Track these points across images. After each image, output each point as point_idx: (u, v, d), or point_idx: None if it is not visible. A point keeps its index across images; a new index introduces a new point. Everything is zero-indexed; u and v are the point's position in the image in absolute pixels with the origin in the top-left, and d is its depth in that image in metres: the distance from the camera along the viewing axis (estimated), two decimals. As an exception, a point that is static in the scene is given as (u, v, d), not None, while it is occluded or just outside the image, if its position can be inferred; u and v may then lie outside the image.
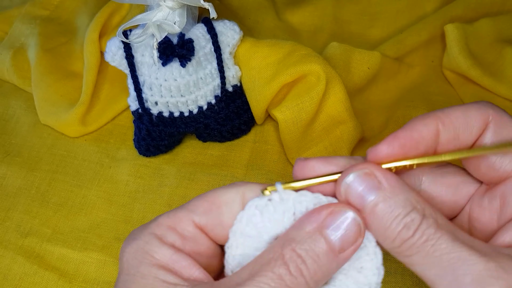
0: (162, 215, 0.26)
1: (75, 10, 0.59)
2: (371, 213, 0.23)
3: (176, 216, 0.25)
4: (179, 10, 0.41)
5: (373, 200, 0.23)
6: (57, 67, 0.53)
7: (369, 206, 0.23)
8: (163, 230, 0.25)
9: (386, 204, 0.23)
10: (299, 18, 0.59)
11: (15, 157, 0.50)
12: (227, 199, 0.25)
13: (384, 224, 0.23)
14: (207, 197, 0.26)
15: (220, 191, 0.26)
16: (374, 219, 0.23)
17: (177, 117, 0.45)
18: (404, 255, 0.23)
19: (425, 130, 0.25)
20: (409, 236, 0.23)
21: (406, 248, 0.23)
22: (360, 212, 0.24)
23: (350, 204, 0.24)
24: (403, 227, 0.23)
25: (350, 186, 0.24)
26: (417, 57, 0.54)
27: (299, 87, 0.45)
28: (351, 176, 0.24)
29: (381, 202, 0.23)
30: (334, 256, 0.23)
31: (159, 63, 0.42)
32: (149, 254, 0.24)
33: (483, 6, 0.54)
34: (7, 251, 0.43)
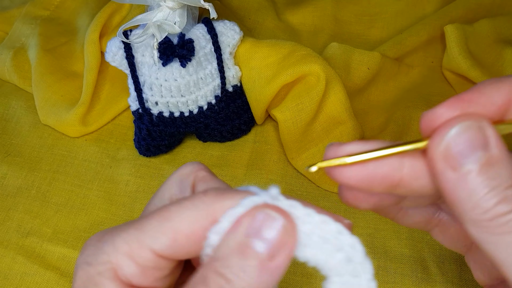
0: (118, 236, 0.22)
1: (75, 10, 0.59)
2: (469, 173, 0.20)
3: (135, 243, 0.21)
4: (180, 10, 0.41)
5: (479, 159, 0.20)
6: (58, 67, 0.53)
7: (471, 164, 0.20)
8: (120, 258, 0.21)
9: (489, 169, 0.20)
10: (299, 19, 0.59)
11: (16, 157, 0.50)
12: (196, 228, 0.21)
13: (481, 190, 0.20)
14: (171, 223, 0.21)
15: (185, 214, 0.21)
16: (470, 181, 0.20)
17: (177, 117, 0.46)
18: (492, 232, 0.20)
19: (496, 96, 0.21)
20: (507, 211, 0.20)
21: (499, 224, 0.20)
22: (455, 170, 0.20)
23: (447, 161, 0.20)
24: (502, 199, 0.20)
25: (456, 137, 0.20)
26: (417, 57, 0.54)
27: (299, 87, 0.45)
28: (460, 125, 0.20)
29: (485, 164, 0.20)
30: (263, 267, 0.20)
31: (160, 63, 0.42)
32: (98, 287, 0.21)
33: (483, 7, 0.54)
34: (8, 251, 0.43)
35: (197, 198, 0.22)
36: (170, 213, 0.21)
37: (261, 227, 0.20)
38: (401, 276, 0.40)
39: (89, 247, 0.23)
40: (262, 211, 0.20)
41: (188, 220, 0.21)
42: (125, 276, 0.21)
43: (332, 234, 0.21)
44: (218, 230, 0.21)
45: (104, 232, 0.23)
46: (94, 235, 0.23)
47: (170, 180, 0.25)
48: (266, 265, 0.20)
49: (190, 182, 0.24)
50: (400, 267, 0.40)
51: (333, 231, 0.21)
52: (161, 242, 0.21)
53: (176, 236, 0.21)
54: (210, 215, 0.21)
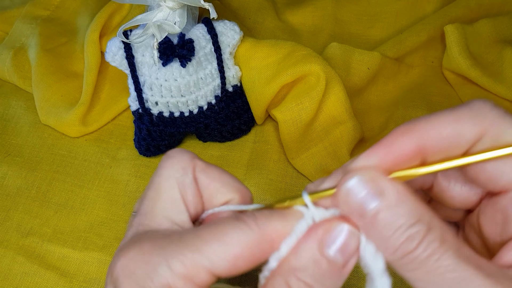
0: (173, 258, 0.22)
1: (75, 11, 0.59)
2: (372, 221, 0.22)
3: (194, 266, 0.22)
4: (180, 10, 0.41)
5: (374, 208, 0.21)
6: (58, 67, 0.53)
7: (370, 213, 0.22)
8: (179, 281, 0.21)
9: (389, 213, 0.21)
10: (299, 19, 0.59)
11: (16, 157, 0.50)
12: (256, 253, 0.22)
13: (386, 233, 0.21)
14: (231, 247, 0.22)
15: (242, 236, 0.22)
16: (375, 228, 0.22)
17: (178, 117, 0.46)
18: (406, 269, 0.22)
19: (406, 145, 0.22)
20: (412, 248, 0.21)
21: (408, 262, 0.21)
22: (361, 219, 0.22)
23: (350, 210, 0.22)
24: (406, 238, 0.21)
25: (350, 191, 0.22)
26: (417, 57, 0.54)
27: (299, 88, 0.45)
28: (353, 180, 0.22)
29: (383, 210, 0.21)
30: (338, 272, 0.22)
31: (160, 63, 0.42)
32: None
33: (483, 7, 0.54)
34: (8, 251, 0.43)
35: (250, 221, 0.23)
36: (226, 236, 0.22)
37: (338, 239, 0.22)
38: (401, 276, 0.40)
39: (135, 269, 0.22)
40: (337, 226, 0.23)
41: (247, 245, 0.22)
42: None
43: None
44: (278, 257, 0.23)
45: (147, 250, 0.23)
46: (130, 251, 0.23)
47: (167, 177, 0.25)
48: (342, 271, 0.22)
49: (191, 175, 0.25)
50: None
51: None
52: (221, 266, 0.22)
53: (236, 261, 0.22)
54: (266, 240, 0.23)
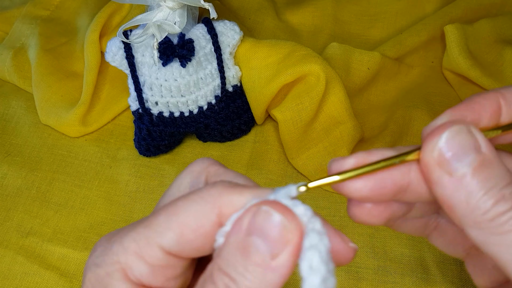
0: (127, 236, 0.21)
1: (75, 11, 0.59)
2: (465, 176, 0.20)
3: (143, 241, 0.21)
4: (180, 10, 0.41)
5: (473, 162, 0.20)
6: (58, 67, 0.53)
7: (465, 168, 0.20)
8: (130, 258, 0.21)
9: (485, 170, 0.20)
10: (299, 19, 0.59)
11: (16, 157, 0.50)
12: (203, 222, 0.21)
13: (478, 192, 0.20)
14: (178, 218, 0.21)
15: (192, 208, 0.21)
16: (467, 184, 0.20)
17: (178, 117, 0.46)
18: (493, 232, 0.20)
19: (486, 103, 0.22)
20: (506, 209, 0.19)
21: (499, 223, 0.20)
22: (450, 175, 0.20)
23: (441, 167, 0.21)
24: (500, 198, 0.20)
25: (446, 143, 0.20)
26: (417, 57, 0.54)
27: (299, 88, 0.45)
28: (450, 131, 0.21)
29: (479, 166, 0.20)
30: (266, 265, 0.19)
31: (160, 63, 0.42)
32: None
33: (483, 7, 0.54)
34: (8, 251, 0.43)
35: (204, 191, 0.21)
36: (177, 208, 0.21)
37: (261, 225, 0.19)
38: (401, 276, 0.40)
39: (98, 248, 0.22)
40: (261, 208, 0.20)
41: (195, 214, 0.21)
42: (135, 276, 0.21)
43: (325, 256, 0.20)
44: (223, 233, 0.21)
45: (114, 233, 0.22)
46: (104, 236, 0.23)
47: (181, 177, 0.24)
48: (269, 264, 0.19)
49: (203, 178, 0.24)
50: (400, 267, 0.40)
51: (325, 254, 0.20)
52: (168, 237, 0.21)
53: (182, 231, 0.21)
54: (216, 209, 0.21)
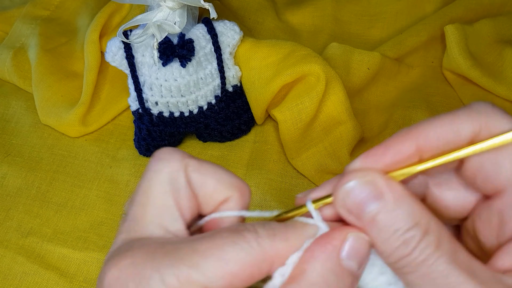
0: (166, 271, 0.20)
1: (75, 11, 0.59)
2: (370, 224, 0.22)
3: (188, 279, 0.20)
4: (180, 10, 0.41)
5: (372, 211, 0.22)
6: (58, 68, 0.53)
7: (368, 216, 0.22)
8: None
9: (387, 216, 0.21)
10: (299, 19, 0.59)
11: (16, 157, 0.50)
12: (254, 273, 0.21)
13: (382, 237, 0.22)
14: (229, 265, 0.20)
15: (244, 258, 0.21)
16: (373, 230, 0.22)
17: (178, 117, 0.46)
18: (402, 272, 0.22)
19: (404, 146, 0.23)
20: (407, 253, 0.21)
21: (403, 265, 0.21)
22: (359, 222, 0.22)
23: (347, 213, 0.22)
24: (402, 243, 0.21)
25: (349, 194, 0.22)
26: (417, 57, 0.54)
27: (299, 88, 0.45)
28: (351, 183, 0.22)
29: (381, 213, 0.21)
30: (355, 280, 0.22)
31: (160, 63, 0.42)
32: None
33: (483, 7, 0.54)
34: (8, 251, 0.43)
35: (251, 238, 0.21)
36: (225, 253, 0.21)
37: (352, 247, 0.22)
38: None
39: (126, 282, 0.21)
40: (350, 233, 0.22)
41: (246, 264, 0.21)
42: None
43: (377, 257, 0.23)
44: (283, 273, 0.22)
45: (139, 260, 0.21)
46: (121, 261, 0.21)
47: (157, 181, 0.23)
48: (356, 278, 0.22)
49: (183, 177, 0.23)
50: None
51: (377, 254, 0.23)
52: (217, 283, 0.20)
53: (232, 280, 0.21)
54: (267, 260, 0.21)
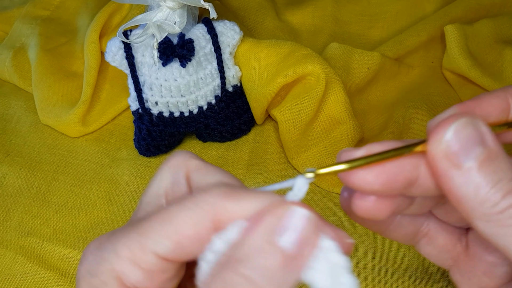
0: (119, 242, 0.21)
1: (75, 11, 0.59)
2: (472, 169, 0.20)
3: (137, 248, 0.21)
4: (179, 10, 0.41)
5: (480, 155, 0.20)
6: (58, 67, 0.53)
7: (473, 161, 0.20)
8: (125, 265, 0.21)
9: (492, 163, 0.20)
10: (299, 19, 0.59)
11: (16, 157, 0.50)
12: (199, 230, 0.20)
13: (487, 185, 0.20)
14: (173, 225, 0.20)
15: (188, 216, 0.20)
16: (475, 177, 0.20)
17: (177, 117, 0.46)
18: (502, 224, 0.20)
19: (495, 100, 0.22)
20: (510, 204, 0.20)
21: (509, 216, 0.20)
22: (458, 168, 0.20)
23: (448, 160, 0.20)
24: (508, 191, 0.20)
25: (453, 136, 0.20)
26: (417, 57, 0.54)
27: (299, 88, 0.45)
28: (457, 124, 0.20)
29: (486, 159, 0.20)
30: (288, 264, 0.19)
31: (160, 63, 0.42)
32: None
33: (483, 7, 0.54)
34: (8, 251, 0.43)
35: (200, 199, 0.21)
36: (172, 215, 0.21)
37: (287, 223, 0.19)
38: (401, 276, 0.40)
39: (89, 256, 0.22)
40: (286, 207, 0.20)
41: (192, 222, 0.20)
42: (130, 282, 0.21)
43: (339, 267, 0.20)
44: (224, 238, 0.20)
45: (103, 239, 0.22)
46: (92, 242, 0.22)
47: (161, 173, 0.23)
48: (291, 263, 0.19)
49: (183, 173, 0.23)
50: (400, 267, 0.40)
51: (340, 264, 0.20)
52: (165, 245, 0.20)
53: (179, 239, 0.20)
54: (214, 217, 0.20)
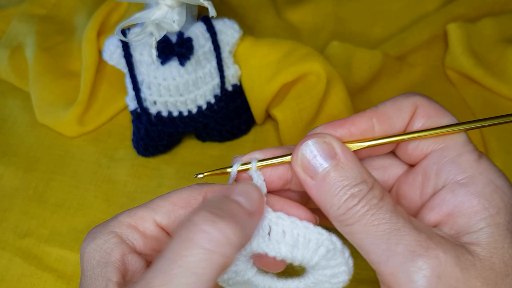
0: (122, 213, 0.26)
1: (72, 9, 0.59)
2: (323, 179, 0.25)
3: (138, 215, 0.26)
4: (178, 8, 0.41)
5: (327, 167, 0.25)
6: (55, 66, 0.53)
7: (323, 172, 0.25)
8: (124, 228, 0.25)
9: (338, 173, 0.25)
10: (300, 17, 0.59)
11: (13, 157, 0.50)
12: (191, 201, 0.26)
13: (334, 191, 0.25)
14: (170, 198, 0.26)
15: (182, 192, 0.27)
16: (325, 185, 0.25)
17: (176, 117, 0.45)
18: (346, 224, 0.25)
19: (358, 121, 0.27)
20: (354, 204, 0.24)
21: (349, 216, 0.24)
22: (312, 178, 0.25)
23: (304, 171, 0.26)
24: (350, 195, 0.24)
25: (308, 151, 0.25)
26: (419, 56, 0.54)
27: (299, 87, 0.45)
28: (310, 142, 0.25)
29: (333, 170, 0.25)
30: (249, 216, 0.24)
31: (158, 62, 0.42)
32: (107, 253, 0.24)
33: (486, 5, 0.55)
34: (5, 252, 0.43)
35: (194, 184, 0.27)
36: (171, 193, 0.27)
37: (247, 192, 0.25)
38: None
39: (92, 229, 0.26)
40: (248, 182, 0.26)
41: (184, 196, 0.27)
42: (129, 240, 0.25)
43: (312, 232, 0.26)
44: None
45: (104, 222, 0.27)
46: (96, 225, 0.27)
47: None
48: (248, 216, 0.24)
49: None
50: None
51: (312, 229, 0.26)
52: (162, 212, 0.26)
53: (173, 207, 0.26)
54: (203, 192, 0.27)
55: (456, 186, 0.26)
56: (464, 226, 0.25)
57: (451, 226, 0.25)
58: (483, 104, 0.49)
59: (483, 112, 0.48)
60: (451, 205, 0.25)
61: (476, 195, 0.25)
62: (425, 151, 0.27)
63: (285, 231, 0.26)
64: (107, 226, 0.26)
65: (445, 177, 0.26)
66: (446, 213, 0.26)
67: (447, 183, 0.26)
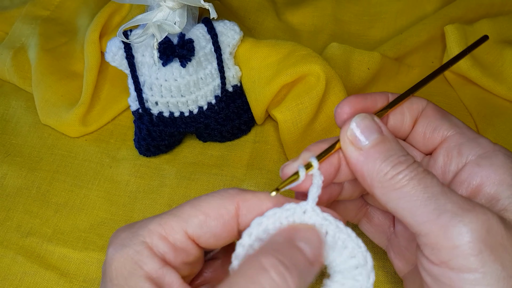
0: (152, 221, 0.26)
1: (75, 10, 0.59)
2: (372, 147, 0.27)
3: (169, 225, 0.25)
4: (180, 10, 0.41)
5: (376, 138, 0.27)
6: (58, 67, 0.53)
7: (372, 142, 0.27)
8: (155, 239, 0.25)
9: (385, 144, 0.27)
10: (299, 19, 0.59)
11: (16, 157, 0.50)
12: (223, 212, 0.26)
13: (382, 158, 0.26)
14: (201, 208, 0.26)
15: (212, 200, 0.26)
16: (373, 153, 0.27)
17: (177, 117, 0.45)
18: (394, 188, 0.26)
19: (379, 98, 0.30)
20: (403, 169, 0.26)
21: (397, 181, 0.26)
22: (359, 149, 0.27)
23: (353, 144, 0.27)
24: (398, 162, 0.26)
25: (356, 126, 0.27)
26: (417, 57, 0.54)
27: (299, 88, 0.45)
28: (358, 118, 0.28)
29: (381, 141, 0.27)
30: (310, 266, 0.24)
31: (160, 63, 0.42)
32: (139, 265, 0.24)
33: (483, 7, 0.55)
34: (8, 251, 0.43)
35: (223, 190, 0.27)
36: (201, 201, 0.26)
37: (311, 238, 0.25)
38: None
39: (120, 234, 0.26)
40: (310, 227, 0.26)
41: (216, 205, 0.26)
42: (159, 252, 0.25)
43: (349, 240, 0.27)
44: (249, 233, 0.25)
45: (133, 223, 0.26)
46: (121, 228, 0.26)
47: None
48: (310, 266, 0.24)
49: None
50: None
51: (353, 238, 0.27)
52: (193, 223, 0.25)
53: (205, 218, 0.26)
54: (234, 202, 0.26)
55: (480, 159, 0.28)
56: (494, 194, 0.27)
57: (482, 196, 0.27)
58: (481, 105, 0.49)
59: (481, 113, 0.49)
60: (479, 177, 0.28)
61: (500, 165, 0.27)
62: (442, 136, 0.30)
63: (328, 232, 0.27)
64: (136, 234, 0.25)
65: (467, 154, 0.29)
66: (476, 185, 0.28)
67: (469, 160, 0.29)
